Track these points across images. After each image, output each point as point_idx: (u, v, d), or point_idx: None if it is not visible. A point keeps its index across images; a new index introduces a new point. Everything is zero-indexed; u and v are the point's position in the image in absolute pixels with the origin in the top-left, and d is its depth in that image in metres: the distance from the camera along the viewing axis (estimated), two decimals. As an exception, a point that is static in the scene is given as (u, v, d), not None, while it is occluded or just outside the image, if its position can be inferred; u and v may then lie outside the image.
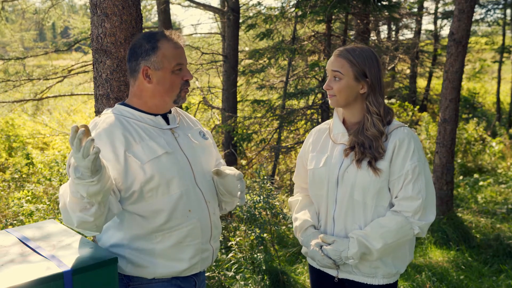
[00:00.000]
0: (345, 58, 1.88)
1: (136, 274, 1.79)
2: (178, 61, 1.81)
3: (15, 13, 10.68)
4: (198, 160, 1.88)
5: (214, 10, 8.46)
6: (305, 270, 4.01)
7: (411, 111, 9.96)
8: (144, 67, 1.79)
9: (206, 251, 1.87)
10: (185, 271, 1.82)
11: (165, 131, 1.84)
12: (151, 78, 1.80)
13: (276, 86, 7.06)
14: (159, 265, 1.78)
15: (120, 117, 1.80)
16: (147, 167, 1.72)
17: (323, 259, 1.89)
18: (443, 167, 5.20)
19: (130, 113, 1.82)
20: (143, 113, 1.83)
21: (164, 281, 1.81)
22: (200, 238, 1.83)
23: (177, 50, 1.81)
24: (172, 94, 1.83)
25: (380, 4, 6.20)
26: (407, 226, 1.85)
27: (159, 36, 1.81)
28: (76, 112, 11.95)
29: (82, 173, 1.49)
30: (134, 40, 1.86)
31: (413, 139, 1.87)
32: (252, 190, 4.18)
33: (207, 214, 1.86)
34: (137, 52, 1.81)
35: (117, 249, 1.79)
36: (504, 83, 15.57)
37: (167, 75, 1.80)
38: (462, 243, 4.74)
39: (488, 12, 13.34)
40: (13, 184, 6.14)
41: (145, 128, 1.80)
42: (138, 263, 1.77)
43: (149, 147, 1.75)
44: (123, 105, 1.85)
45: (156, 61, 1.78)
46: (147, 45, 1.79)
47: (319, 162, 1.98)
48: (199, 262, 1.85)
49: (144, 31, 1.95)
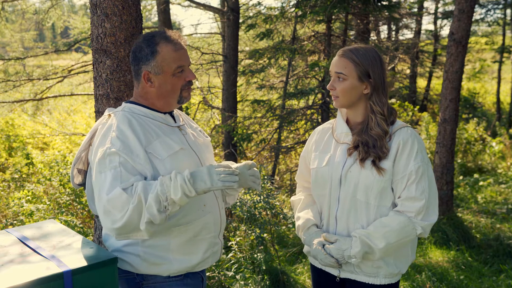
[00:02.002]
0: (349, 58, 1.88)
1: (151, 272, 1.80)
2: (179, 64, 1.80)
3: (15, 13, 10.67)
4: (205, 156, 1.93)
5: (214, 10, 8.45)
6: (305, 270, 4.01)
7: (411, 111, 9.95)
8: (145, 72, 1.79)
9: (216, 245, 1.91)
10: (198, 265, 1.85)
11: (174, 128, 1.87)
12: (152, 82, 1.81)
13: (276, 86, 7.06)
14: (174, 261, 1.79)
15: (133, 115, 1.80)
16: (167, 163, 1.74)
17: (325, 258, 1.89)
18: (443, 167, 5.20)
19: (141, 111, 1.83)
20: (153, 111, 1.84)
21: (178, 279, 1.83)
22: (213, 231, 1.87)
23: (177, 52, 1.80)
24: (175, 95, 1.84)
25: (380, 4, 6.19)
26: (410, 226, 1.85)
27: (159, 38, 1.79)
28: (76, 112, 11.95)
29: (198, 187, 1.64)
30: (135, 42, 1.85)
31: (416, 140, 1.87)
32: (252, 190, 4.18)
33: (218, 209, 1.90)
34: (137, 57, 1.81)
35: (131, 248, 1.79)
36: (504, 83, 15.58)
37: (168, 78, 1.80)
38: (462, 243, 4.74)
39: (488, 12, 13.35)
40: (13, 184, 6.14)
41: (158, 125, 1.82)
42: (153, 261, 1.78)
43: (166, 143, 1.77)
44: (132, 103, 1.86)
45: (156, 66, 1.78)
46: (146, 49, 1.78)
47: (322, 161, 1.98)
48: (210, 256, 1.89)
49: (145, 32, 1.94)
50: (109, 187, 1.63)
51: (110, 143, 1.69)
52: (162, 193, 1.61)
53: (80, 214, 4.80)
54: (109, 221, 1.63)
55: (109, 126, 1.76)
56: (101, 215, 1.66)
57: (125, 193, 1.60)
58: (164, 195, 1.61)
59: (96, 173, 1.69)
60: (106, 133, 1.73)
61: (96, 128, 1.85)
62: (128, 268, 1.81)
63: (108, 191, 1.62)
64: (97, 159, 1.69)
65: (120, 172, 1.64)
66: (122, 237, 1.68)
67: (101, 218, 1.67)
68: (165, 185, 1.62)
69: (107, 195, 1.62)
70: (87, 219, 4.80)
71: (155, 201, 1.60)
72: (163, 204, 1.61)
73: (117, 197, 1.60)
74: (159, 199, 1.61)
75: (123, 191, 1.61)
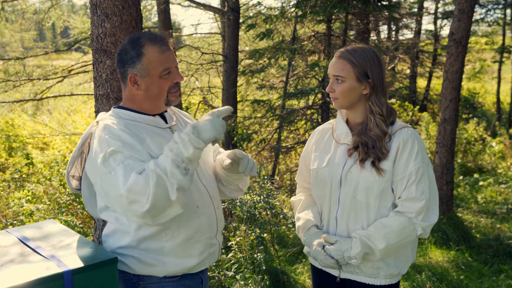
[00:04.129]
0: (346, 60, 1.87)
1: (146, 273, 1.79)
2: (165, 66, 1.76)
3: (15, 13, 10.67)
4: None
5: (214, 10, 8.46)
6: (305, 270, 4.01)
7: (411, 111, 9.95)
8: (131, 74, 1.76)
9: (213, 245, 1.89)
10: (195, 267, 1.83)
11: (165, 130, 1.84)
12: (139, 85, 1.77)
13: (276, 86, 7.06)
14: (170, 263, 1.78)
15: (121, 119, 1.78)
16: None
17: (325, 259, 1.89)
18: (443, 167, 5.20)
19: (129, 115, 1.80)
20: (142, 114, 1.82)
21: (174, 280, 1.81)
22: (207, 233, 1.84)
23: (163, 54, 1.76)
24: (162, 98, 1.81)
25: (380, 4, 6.19)
26: (410, 227, 1.84)
27: (144, 40, 1.76)
28: (76, 112, 11.95)
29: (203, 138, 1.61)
30: (121, 45, 1.82)
31: (416, 140, 1.87)
32: (252, 190, 4.18)
33: (213, 209, 1.87)
34: (123, 59, 1.78)
35: (125, 250, 1.78)
36: (504, 83, 15.57)
37: (154, 81, 1.76)
38: (462, 243, 4.74)
39: (488, 12, 13.35)
40: (13, 184, 6.14)
41: (147, 128, 1.79)
42: (148, 262, 1.77)
43: (158, 143, 1.75)
44: (119, 108, 1.83)
45: (142, 69, 1.75)
46: (132, 51, 1.75)
47: (322, 162, 1.98)
48: (207, 257, 1.87)
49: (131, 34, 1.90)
50: (123, 179, 1.60)
51: (107, 145, 1.67)
52: (176, 156, 1.59)
53: (80, 214, 4.80)
54: (138, 208, 1.59)
55: (100, 132, 1.73)
56: (127, 208, 1.61)
57: (141, 176, 1.58)
58: (179, 157, 1.59)
59: (104, 175, 1.66)
60: (100, 139, 1.70)
61: (86, 136, 1.82)
62: (125, 269, 1.80)
63: (124, 182, 1.59)
64: (100, 163, 1.66)
65: (129, 163, 1.62)
66: (156, 220, 1.64)
67: (128, 212, 1.63)
68: (174, 149, 1.60)
69: (124, 185, 1.58)
70: (87, 219, 4.80)
71: (175, 167, 1.58)
72: (182, 166, 1.59)
73: (135, 182, 1.57)
74: (177, 163, 1.59)
75: (139, 175, 1.58)
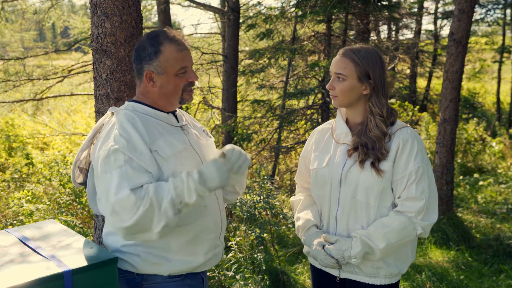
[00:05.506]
0: (349, 58, 1.87)
1: (151, 272, 1.79)
2: (182, 65, 1.78)
3: (15, 13, 10.67)
4: (207, 157, 1.90)
5: (214, 10, 8.45)
6: (305, 270, 4.01)
7: (411, 111, 9.96)
8: (148, 71, 1.78)
9: (218, 246, 1.90)
10: (200, 266, 1.83)
11: (176, 128, 1.85)
12: (155, 81, 1.79)
13: (276, 86, 7.06)
14: (175, 261, 1.78)
15: (136, 113, 1.78)
16: (171, 162, 1.73)
17: (325, 259, 1.89)
18: (443, 167, 5.20)
19: (144, 109, 1.81)
20: (156, 109, 1.83)
21: (178, 280, 1.81)
22: (213, 233, 1.86)
23: (181, 53, 1.78)
24: (176, 96, 1.83)
25: (380, 4, 6.19)
26: (410, 226, 1.85)
27: (163, 38, 1.78)
28: (76, 112, 11.95)
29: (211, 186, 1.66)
30: (139, 41, 1.84)
31: (416, 140, 1.87)
32: (252, 190, 4.18)
33: (218, 210, 1.89)
34: (140, 55, 1.79)
35: (131, 248, 1.78)
36: (504, 83, 15.57)
37: (170, 79, 1.79)
38: (462, 243, 4.74)
39: (488, 12, 13.35)
40: (13, 184, 6.14)
41: (161, 124, 1.81)
42: (154, 261, 1.77)
43: (170, 142, 1.76)
44: (135, 102, 1.84)
45: (159, 66, 1.77)
46: (150, 48, 1.77)
47: (322, 162, 1.98)
48: (212, 257, 1.88)
49: (148, 31, 1.92)
50: (116, 187, 1.61)
51: (114, 141, 1.67)
52: (177, 197, 1.62)
53: (80, 214, 4.80)
54: (118, 220, 1.62)
55: (112, 124, 1.74)
56: (108, 214, 1.65)
57: (133, 194, 1.59)
58: (179, 199, 1.62)
59: (101, 172, 1.68)
60: (109, 132, 1.72)
61: (98, 127, 1.84)
62: (129, 268, 1.79)
63: (116, 191, 1.60)
64: (101, 158, 1.67)
65: (126, 171, 1.63)
66: (129, 237, 1.67)
67: (108, 217, 1.66)
68: (178, 189, 1.63)
69: (115, 195, 1.60)
70: (87, 219, 4.80)
71: (170, 206, 1.61)
72: (177, 207, 1.63)
73: (126, 199, 1.59)
74: (175, 203, 1.62)
75: (132, 193, 1.59)
